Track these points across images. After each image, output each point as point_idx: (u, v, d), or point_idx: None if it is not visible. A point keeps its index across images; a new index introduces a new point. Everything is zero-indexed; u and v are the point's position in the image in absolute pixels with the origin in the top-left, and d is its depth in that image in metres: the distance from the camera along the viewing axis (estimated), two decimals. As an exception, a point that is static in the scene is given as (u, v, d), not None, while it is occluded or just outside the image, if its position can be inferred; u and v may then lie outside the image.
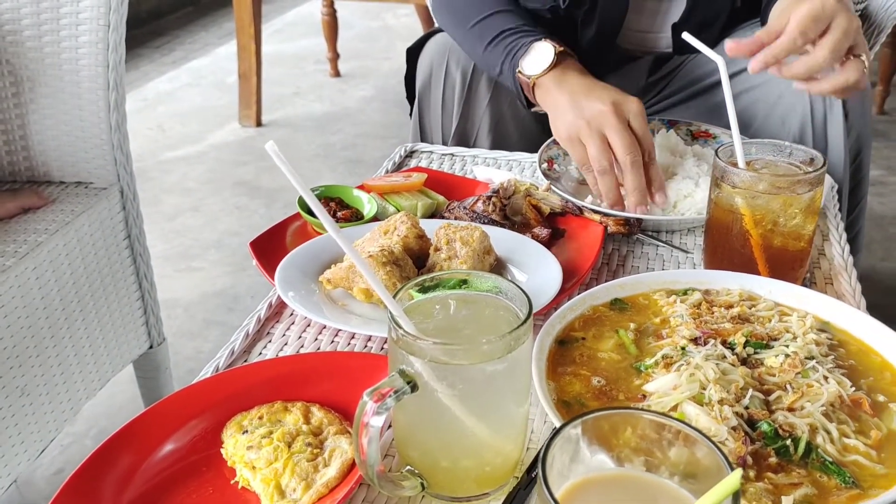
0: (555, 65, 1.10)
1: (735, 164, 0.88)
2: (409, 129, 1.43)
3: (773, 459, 0.63)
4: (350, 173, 2.78)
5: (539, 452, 0.65)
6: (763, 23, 1.32)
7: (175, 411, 0.68)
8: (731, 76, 1.13)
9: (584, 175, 1.09)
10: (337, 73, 3.71)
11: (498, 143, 1.32)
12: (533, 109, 1.20)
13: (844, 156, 1.16)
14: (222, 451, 0.67)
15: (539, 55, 1.12)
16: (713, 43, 1.19)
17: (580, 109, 1.05)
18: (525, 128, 1.36)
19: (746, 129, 1.21)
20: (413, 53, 1.39)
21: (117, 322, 1.41)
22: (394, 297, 0.62)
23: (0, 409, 1.15)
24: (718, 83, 1.32)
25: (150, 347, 1.52)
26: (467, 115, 1.31)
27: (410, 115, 1.42)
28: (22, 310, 1.18)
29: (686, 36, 0.96)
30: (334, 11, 3.42)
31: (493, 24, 1.17)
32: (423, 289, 0.67)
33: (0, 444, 1.16)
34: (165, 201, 2.60)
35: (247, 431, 0.67)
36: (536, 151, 1.19)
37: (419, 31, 4.08)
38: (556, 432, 0.49)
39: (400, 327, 0.60)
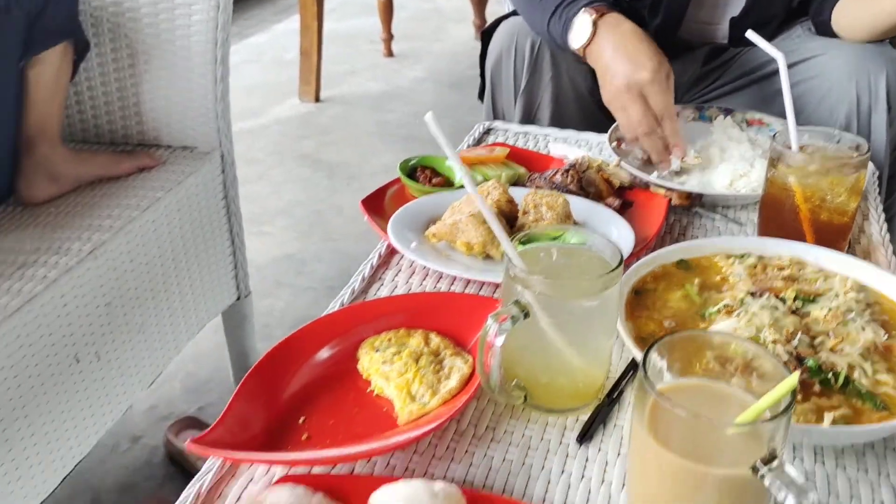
0: (593, 35, 1.21)
1: (790, 148, 1.01)
2: (462, 110, 1.54)
3: (816, 388, 0.76)
4: (406, 151, 2.91)
5: (624, 371, 0.80)
6: (813, 21, 1.43)
7: (320, 332, 0.83)
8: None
9: (629, 139, 1.22)
10: (390, 54, 3.84)
11: (557, 117, 1.45)
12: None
13: (886, 144, 1.28)
14: (358, 366, 0.82)
15: (579, 29, 1.23)
16: (769, 38, 1.31)
17: (617, 77, 1.17)
18: (584, 106, 1.48)
19: (797, 118, 1.32)
20: (487, 35, 1.52)
21: (214, 273, 1.57)
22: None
23: (123, 342, 1.31)
24: (770, 74, 1.45)
25: (238, 299, 1.68)
26: (531, 87, 1.43)
27: (481, 96, 1.56)
28: (143, 256, 1.34)
29: (750, 34, 1.08)
30: (390, -8, 3.55)
31: None
32: (523, 241, 0.81)
33: (122, 372, 1.32)
34: (233, 170, 2.76)
35: (379, 350, 0.82)
36: (596, 129, 1.31)
37: (469, 14, 4.19)
38: (650, 347, 0.63)
39: (516, 266, 0.74)
